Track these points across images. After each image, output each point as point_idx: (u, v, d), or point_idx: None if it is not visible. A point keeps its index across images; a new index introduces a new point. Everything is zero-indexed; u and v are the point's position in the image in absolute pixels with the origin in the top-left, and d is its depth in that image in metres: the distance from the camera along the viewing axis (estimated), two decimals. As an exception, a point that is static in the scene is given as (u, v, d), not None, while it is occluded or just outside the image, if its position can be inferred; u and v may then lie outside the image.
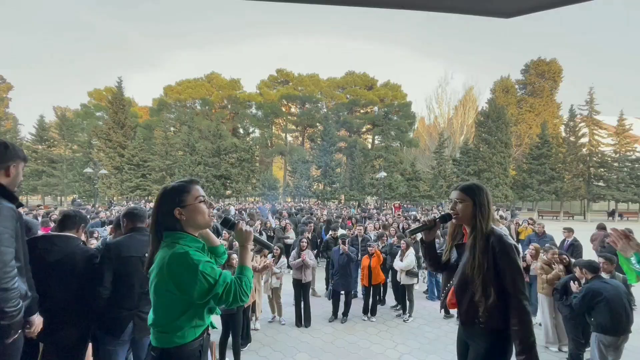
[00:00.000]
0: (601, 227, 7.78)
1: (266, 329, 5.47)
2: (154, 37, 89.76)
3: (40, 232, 2.84)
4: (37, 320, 1.96)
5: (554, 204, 33.49)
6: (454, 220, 1.84)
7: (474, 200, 1.74)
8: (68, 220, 2.34)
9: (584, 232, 7.42)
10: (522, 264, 1.63)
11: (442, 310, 5.92)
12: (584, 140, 29.88)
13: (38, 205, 21.77)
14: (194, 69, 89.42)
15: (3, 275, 1.58)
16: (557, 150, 29.97)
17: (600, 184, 28.92)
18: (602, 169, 28.97)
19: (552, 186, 28.48)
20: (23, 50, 78.73)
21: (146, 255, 2.27)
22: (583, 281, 3.91)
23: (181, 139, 32.65)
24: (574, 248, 6.87)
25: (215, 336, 4.45)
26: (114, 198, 30.53)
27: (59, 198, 35.13)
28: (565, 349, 4.53)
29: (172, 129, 37.37)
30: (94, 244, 5.69)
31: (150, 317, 1.44)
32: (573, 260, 4.76)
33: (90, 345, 2.39)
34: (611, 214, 28.35)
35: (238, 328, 4.21)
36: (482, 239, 1.67)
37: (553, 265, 4.64)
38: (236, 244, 1.75)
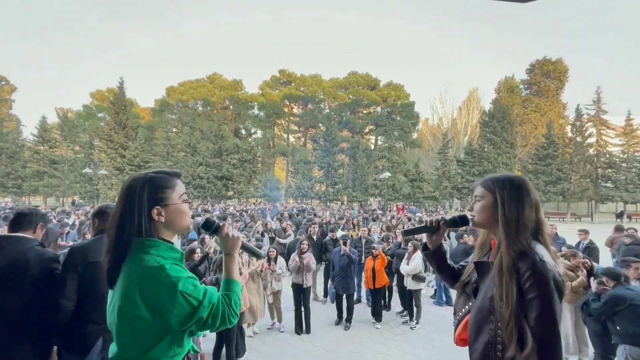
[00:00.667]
0: (619, 229, 7.40)
1: (264, 336, 5.16)
2: (155, 36, 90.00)
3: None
4: None
5: (561, 205, 32.94)
6: (473, 225, 1.34)
7: (496, 198, 1.22)
8: (23, 219, 2.01)
9: (592, 235, 7.06)
10: (559, 312, 1.05)
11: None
12: (591, 140, 29.38)
13: (36, 206, 21.57)
14: (196, 68, 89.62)
15: None
16: (564, 151, 29.48)
17: (609, 184, 28.39)
18: (610, 170, 28.43)
19: (559, 187, 27.97)
20: (25, 51, 79.21)
21: None
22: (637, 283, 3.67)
23: (183, 139, 32.49)
24: (590, 251, 6.53)
25: (208, 345, 4.14)
26: (116, 199, 30.36)
27: (60, 199, 35.03)
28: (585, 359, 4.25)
29: (173, 129, 37.25)
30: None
31: (112, 348, 1.12)
32: (595, 265, 4.42)
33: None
34: (619, 215, 27.77)
35: (232, 338, 3.89)
36: (507, 256, 1.14)
37: (578, 272, 4.28)
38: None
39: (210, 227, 1.28)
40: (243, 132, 40.66)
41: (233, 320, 1.17)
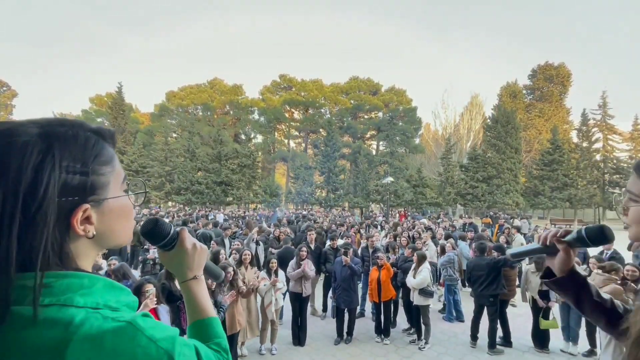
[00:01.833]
0: None
1: (256, 358, 4.57)
2: (156, 41, 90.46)
3: None
4: None
5: (567, 211, 32.25)
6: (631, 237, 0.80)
7: None
8: None
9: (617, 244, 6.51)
10: None
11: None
12: (598, 145, 28.83)
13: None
14: (196, 73, 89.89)
15: None
16: (570, 156, 28.90)
17: (617, 191, 27.72)
18: (617, 176, 27.81)
19: (566, 193, 27.32)
20: (26, 57, 79.64)
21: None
22: None
23: (182, 144, 32.10)
24: (616, 261, 5.93)
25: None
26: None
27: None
28: None
29: (173, 134, 36.90)
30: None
31: None
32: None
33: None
34: (628, 222, 27.09)
35: None
36: None
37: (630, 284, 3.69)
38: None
39: (160, 236, 0.72)
40: (243, 137, 40.26)
41: None
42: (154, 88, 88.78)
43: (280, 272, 4.93)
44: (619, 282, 3.73)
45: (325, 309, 6.31)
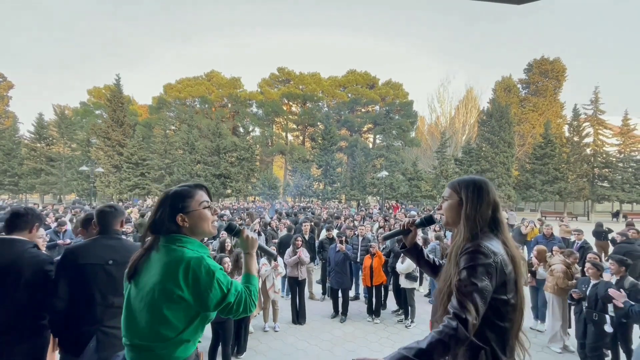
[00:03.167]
0: (630, 224, 7.93)
1: (260, 335, 5.19)
2: (152, 33, 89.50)
3: None
4: None
5: (557, 204, 33.11)
6: (442, 224, 1.53)
7: (460, 198, 1.36)
8: (18, 220, 2.03)
9: (588, 234, 7.17)
10: (482, 286, 1.14)
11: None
12: (588, 140, 29.49)
13: (34, 204, 21.50)
14: (193, 65, 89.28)
15: None
16: (561, 151, 29.57)
17: (605, 184, 28.53)
18: (606, 170, 28.57)
19: (556, 186, 28.08)
20: (22, 48, 78.63)
21: (110, 262, 2.02)
22: (615, 278, 3.73)
23: (180, 137, 32.38)
24: (585, 250, 6.62)
25: (204, 343, 4.16)
26: (113, 196, 30.32)
27: (57, 196, 34.90)
28: (572, 348, 4.49)
29: (171, 127, 37.10)
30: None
31: (143, 331, 1.23)
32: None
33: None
34: (615, 214, 27.95)
35: (228, 336, 3.92)
36: (459, 243, 1.29)
37: (573, 269, 4.43)
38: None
39: (232, 230, 1.52)
40: (241, 130, 40.54)
41: (253, 309, 1.36)
42: (150, 80, 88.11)
43: (279, 259, 5.59)
44: (569, 262, 4.46)
45: (324, 293, 6.97)
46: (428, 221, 1.63)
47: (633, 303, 3.30)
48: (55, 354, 2.13)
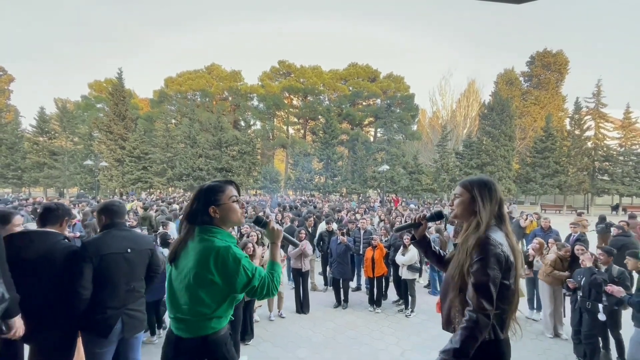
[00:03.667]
0: (632, 217, 8.19)
1: (266, 323, 5.39)
2: (152, 25, 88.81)
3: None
4: (18, 323, 1.84)
5: (557, 197, 33.24)
6: (451, 218, 1.69)
7: (472, 195, 1.56)
8: (50, 214, 2.20)
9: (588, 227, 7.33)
10: (494, 275, 1.34)
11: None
12: (589, 133, 29.48)
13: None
14: (194, 57, 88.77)
15: None
16: (562, 144, 29.59)
17: (605, 177, 28.61)
18: (607, 163, 28.63)
19: (556, 180, 28.19)
20: (23, 42, 78.28)
21: (129, 250, 2.28)
22: (605, 267, 3.98)
23: (182, 131, 32.44)
24: (581, 243, 6.73)
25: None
26: (116, 190, 30.54)
27: (60, 190, 35.14)
28: (565, 336, 4.71)
29: (173, 121, 37.11)
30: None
31: (183, 308, 1.47)
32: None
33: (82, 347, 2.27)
34: (615, 208, 28.11)
35: (237, 323, 4.11)
36: (470, 236, 1.47)
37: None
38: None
39: (260, 222, 1.73)
40: (242, 123, 40.56)
41: (274, 292, 1.57)
42: (150, 73, 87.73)
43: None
44: (560, 253, 4.74)
45: (326, 283, 7.17)
46: (438, 216, 1.82)
47: (630, 294, 3.49)
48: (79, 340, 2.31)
